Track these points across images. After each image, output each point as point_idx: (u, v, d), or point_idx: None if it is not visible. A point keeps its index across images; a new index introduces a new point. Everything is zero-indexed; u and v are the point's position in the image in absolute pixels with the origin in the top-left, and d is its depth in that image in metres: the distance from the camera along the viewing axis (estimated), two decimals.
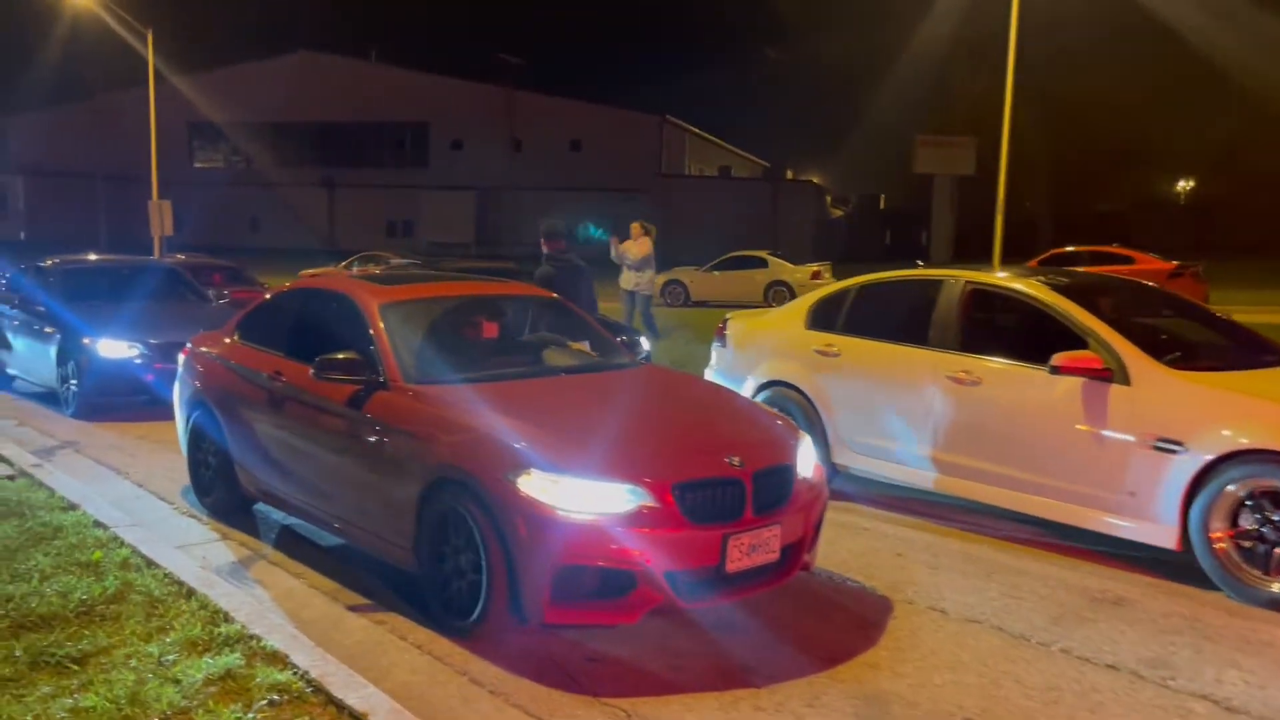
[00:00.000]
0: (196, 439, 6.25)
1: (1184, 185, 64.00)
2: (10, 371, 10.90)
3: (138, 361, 9.19)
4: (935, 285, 6.16)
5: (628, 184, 58.08)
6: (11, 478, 6.51)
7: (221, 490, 6.00)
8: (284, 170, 56.74)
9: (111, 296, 10.24)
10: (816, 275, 23.86)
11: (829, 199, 68.90)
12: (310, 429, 5.20)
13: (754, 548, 4.19)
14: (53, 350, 9.64)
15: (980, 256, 44.44)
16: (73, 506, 5.76)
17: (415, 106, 59.39)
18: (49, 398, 10.02)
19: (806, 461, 4.62)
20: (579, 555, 3.94)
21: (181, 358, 6.62)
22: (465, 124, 59.81)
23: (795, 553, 4.45)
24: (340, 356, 4.83)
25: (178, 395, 6.54)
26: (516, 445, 4.15)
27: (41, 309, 10.12)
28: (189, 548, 5.38)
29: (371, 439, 4.76)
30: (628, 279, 13.99)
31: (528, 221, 56.51)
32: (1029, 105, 49.07)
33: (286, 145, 57.49)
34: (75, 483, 6.49)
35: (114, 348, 9.22)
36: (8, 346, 10.76)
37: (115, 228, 51.53)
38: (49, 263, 11.12)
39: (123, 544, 5.09)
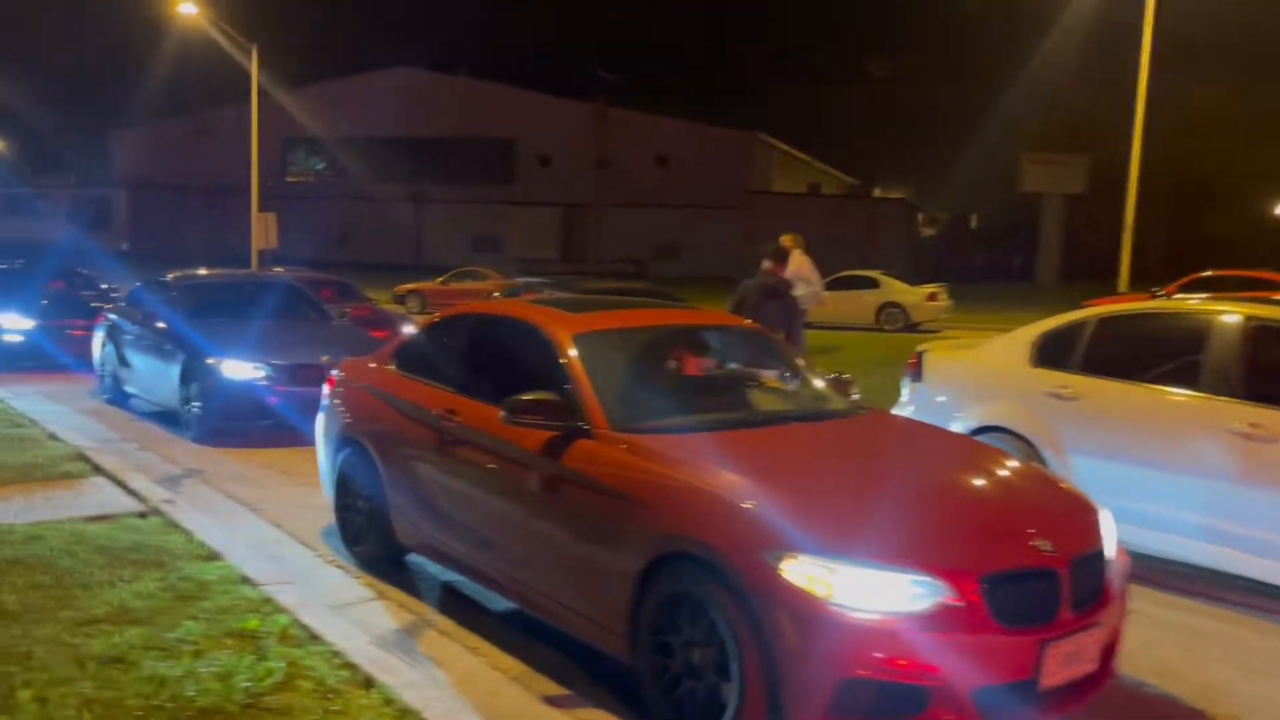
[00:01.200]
0: (346, 481, 5.59)
1: None
2: (128, 389, 10.44)
3: (262, 384, 8.65)
4: (1203, 320, 5.23)
5: (715, 201, 57.41)
6: (143, 515, 5.93)
7: (374, 540, 5.33)
8: (374, 185, 57.23)
9: (234, 314, 9.74)
10: (933, 297, 22.76)
11: (920, 218, 67.20)
12: (492, 479, 4.49)
13: (1072, 656, 3.34)
14: (175, 370, 9.13)
15: (1090, 278, 42.70)
16: (214, 556, 5.13)
17: (504, 122, 59.56)
18: (167, 418, 9.56)
19: (1111, 541, 3.75)
20: (864, 666, 3.12)
21: (326, 388, 5.99)
22: (553, 140, 59.76)
23: (1109, 659, 3.58)
24: (534, 398, 4.12)
25: (322, 429, 5.91)
26: (775, 518, 3.34)
27: (163, 326, 9.67)
28: (346, 609, 4.69)
29: (573, 496, 4.03)
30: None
31: (613, 238, 56.49)
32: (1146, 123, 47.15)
33: (376, 160, 58.01)
34: (210, 523, 5.88)
35: (239, 369, 8.70)
36: (126, 364, 10.30)
37: (212, 240, 52.50)
38: (170, 277, 10.72)
39: (277, 607, 4.42)
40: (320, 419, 5.96)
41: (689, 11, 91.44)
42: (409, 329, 13.15)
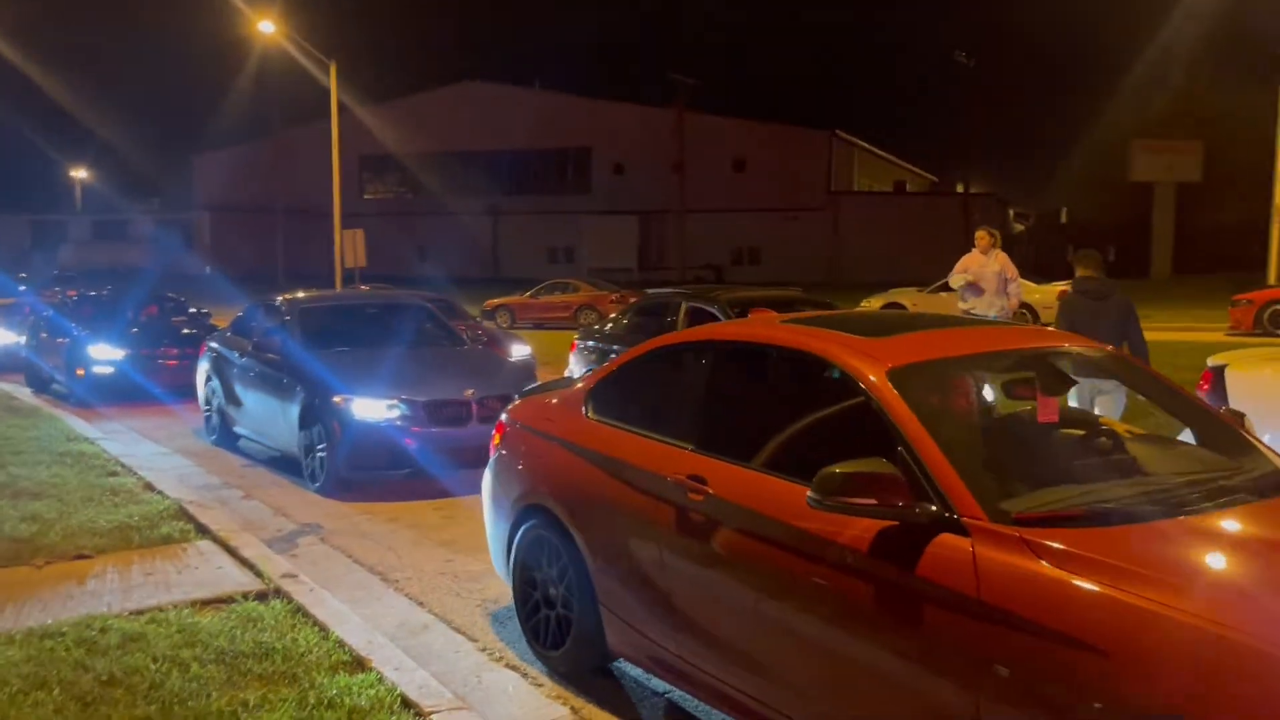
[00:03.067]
0: (530, 562, 4.34)
1: None
2: (238, 430, 9.28)
3: (398, 425, 7.37)
4: None
5: (795, 203, 55.89)
6: (263, 597, 4.80)
7: (575, 644, 4.05)
8: (449, 199, 56.91)
9: (358, 341, 8.63)
10: (1063, 294, 20.99)
11: (1011, 213, 64.71)
12: (775, 579, 3.14)
13: None
14: (293, 409, 7.89)
15: (1203, 270, 40.23)
16: (359, 663, 3.96)
17: (578, 132, 58.89)
18: (284, 463, 8.47)
19: None
20: None
21: (496, 437, 4.81)
22: (627, 147, 58.86)
23: None
24: (863, 470, 2.76)
25: (492, 489, 4.72)
26: None
27: (277, 357, 8.43)
28: None
29: (942, 627, 2.62)
30: (991, 304, 9.99)
31: (690, 245, 55.22)
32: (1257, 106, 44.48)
33: (452, 174, 57.65)
34: (343, 607, 4.73)
35: (371, 408, 7.40)
36: (235, 401, 9.12)
37: (293, 260, 52.57)
38: (282, 301, 9.45)
39: None
40: (489, 478, 4.75)
41: (762, 9, 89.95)
42: (520, 348, 12.01)
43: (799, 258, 55.37)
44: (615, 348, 9.59)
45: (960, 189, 67.09)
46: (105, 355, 12.08)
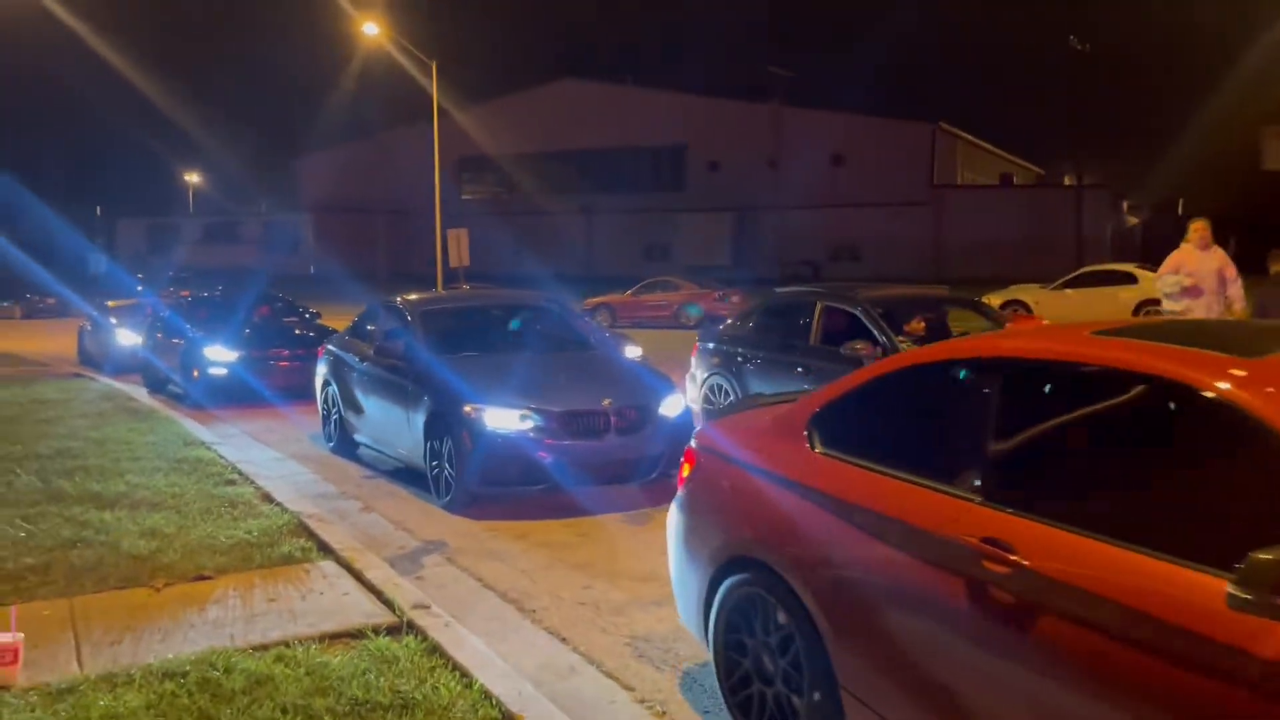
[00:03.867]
0: (738, 623, 3.53)
1: None
2: (358, 438, 8.84)
3: (531, 437, 6.83)
4: None
5: (896, 198, 54.44)
6: (395, 631, 4.37)
7: None
8: (545, 198, 57.02)
9: (485, 345, 8.20)
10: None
11: (1126, 205, 62.03)
12: (1164, 707, 2.24)
13: None
14: (419, 419, 7.41)
15: None
16: None
17: (672, 128, 58.34)
18: (400, 473, 8.11)
19: None
20: None
21: (685, 468, 4.04)
22: (722, 144, 58.12)
23: None
24: None
25: (682, 533, 3.92)
26: None
27: (399, 362, 7.89)
28: None
29: None
30: (1209, 306, 8.84)
31: (786, 241, 54.30)
32: None
33: (547, 174, 57.77)
34: (483, 646, 4.26)
35: (503, 418, 6.87)
36: (355, 408, 8.69)
37: (393, 259, 53.32)
38: (402, 301, 8.92)
39: None
40: (678, 518, 3.98)
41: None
42: (632, 349, 11.50)
43: (900, 253, 53.90)
44: (742, 350, 9.01)
45: (1068, 181, 64.75)
46: (219, 357, 11.99)
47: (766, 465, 3.60)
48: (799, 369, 8.29)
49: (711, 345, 9.55)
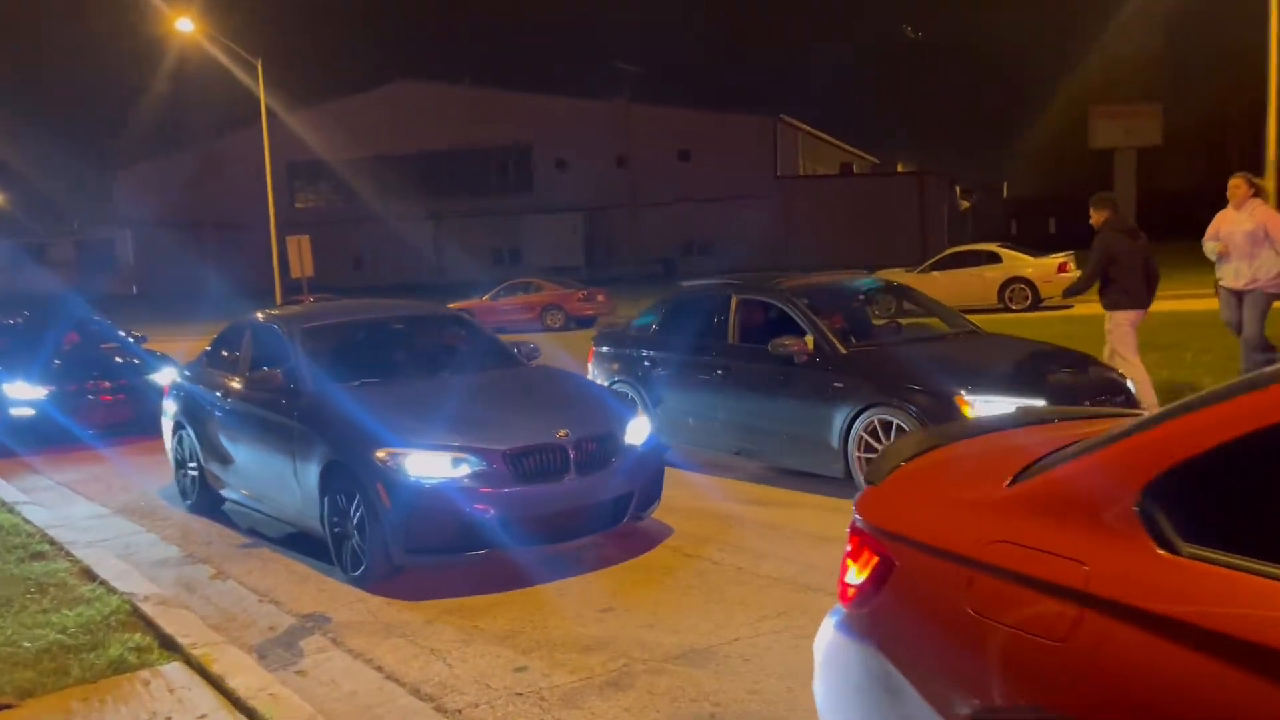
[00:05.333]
0: None
1: None
2: (227, 494, 6.97)
3: (468, 485, 5.15)
4: None
5: (742, 190, 54.75)
6: None
7: None
8: (386, 205, 54.81)
9: (389, 370, 6.60)
10: (1063, 268, 19.91)
11: (958, 190, 64.40)
12: None
13: None
14: (312, 469, 5.63)
15: (1162, 238, 39.71)
16: None
17: (516, 129, 57.16)
18: (301, 541, 6.26)
19: None
20: None
21: (858, 568, 2.51)
22: (568, 142, 57.27)
23: None
24: None
25: (873, 682, 2.40)
26: None
27: (280, 397, 6.11)
28: None
29: None
30: (1238, 272, 8.11)
31: (641, 237, 53.98)
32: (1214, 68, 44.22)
33: (388, 179, 55.47)
34: None
35: (432, 464, 5.19)
36: (222, 457, 6.80)
37: (226, 275, 49.94)
38: (274, 317, 7.15)
39: None
40: (863, 662, 2.44)
41: None
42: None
43: (750, 246, 54.23)
44: (649, 354, 8.00)
45: (901, 168, 66.72)
46: (23, 394, 10.14)
47: (1078, 583, 1.97)
48: (718, 371, 7.35)
49: (610, 349, 8.51)
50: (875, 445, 6.27)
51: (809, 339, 6.83)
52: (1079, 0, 61.92)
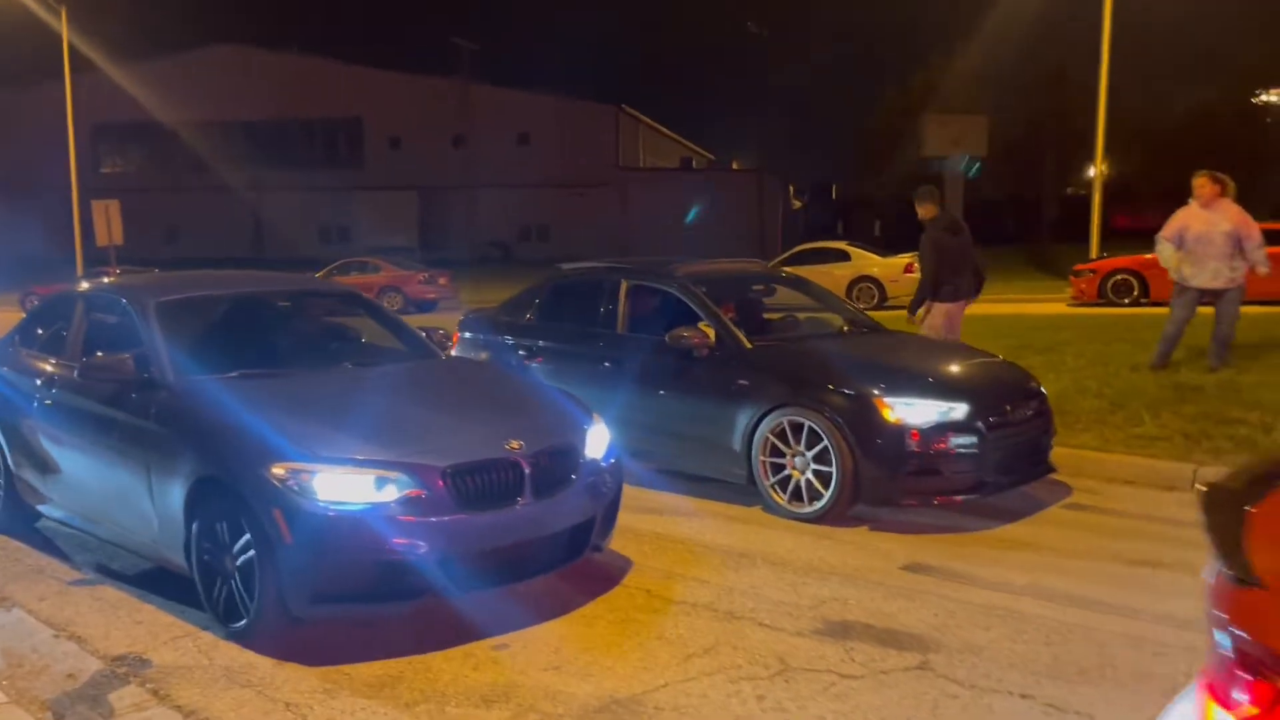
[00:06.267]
0: None
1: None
2: (47, 510, 5.53)
3: (397, 512, 3.94)
4: None
5: (583, 179, 54.27)
6: None
7: None
8: (204, 174, 51.39)
9: (275, 358, 5.24)
10: (909, 269, 20.21)
11: (792, 189, 66.01)
12: None
13: None
14: (175, 487, 4.31)
15: (986, 243, 41.55)
16: None
17: (347, 101, 54.76)
18: (152, 576, 5.01)
19: None
20: None
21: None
22: (402, 119, 55.36)
23: None
24: None
25: None
26: None
27: (135, 391, 4.71)
28: None
29: None
30: (1217, 272, 8.06)
31: (478, 220, 52.72)
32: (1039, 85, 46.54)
33: (205, 147, 51.90)
34: None
35: (349, 484, 3.94)
36: (40, 463, 5.38)
37: (13, 244, 45.44)
38: (118, 287, 5.95)
39: None
40: None
41: None
42: None
43: (588, 235, 53.82)
44: (525, 343, 7.20)
45: (736, 166, 67.79)
46: None
47: None
48: (605, 364, 6.64)
49: (476, 337, 7.66)
50: (782, 449, 5.73)
51: (709, 331, 6.22)
52: (909, 12, 64.45)
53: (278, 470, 3.94)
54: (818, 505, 5.59)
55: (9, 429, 5.65)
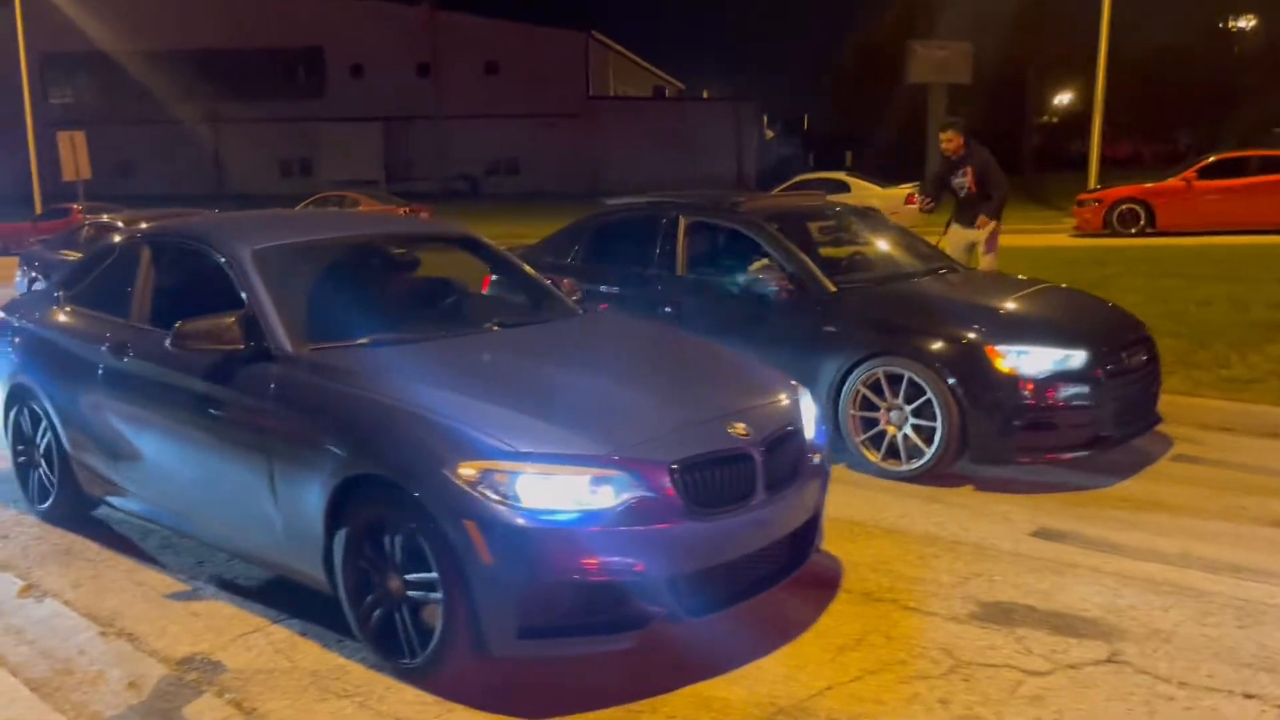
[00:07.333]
0: None
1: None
2: (119, 503, 4.56)
3: (618, 520, 3.09)
4: None
5: (552, 109, 52.93)
6: None
7: None
8: (158, 107, 49.43)
9: (403, 322, 4.20)
10: (910, 199, 19.73)
11: (765, 119, 64.96)
12: None
13: None
14: (310, 486, 3.42)
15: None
16: None
17: (306, 29, 52.90)
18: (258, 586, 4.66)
19: None
20: None
21: None
22: (364, 47, 53.60)
23: None
24: None
25: None
26: None
27: (240, 363, 3.81)
28: None
29: None
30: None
31: (445, 153, 51.31)
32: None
33: (160, 77, 49.88)
34: None
35: (559, 487, 3.08)
36: (113, 448, 4.42)
37: None
38: (207, 232, 4.53)
39: None
40: None
41: None
42: None
43: (558, 167, 52.79)
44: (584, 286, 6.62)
45: (705, 95, 66.57)
46: None
47: None
48: (665, 308, 6.10)
49: None
50: (875, 402, 5.25)
51: (784, 273, 5.69)
52: None
53: (467, 470, 3.06)
54: (917, 464, 5.14)
55: (64, 404, 4.70)
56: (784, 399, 3.79)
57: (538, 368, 3.78)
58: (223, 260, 4.07)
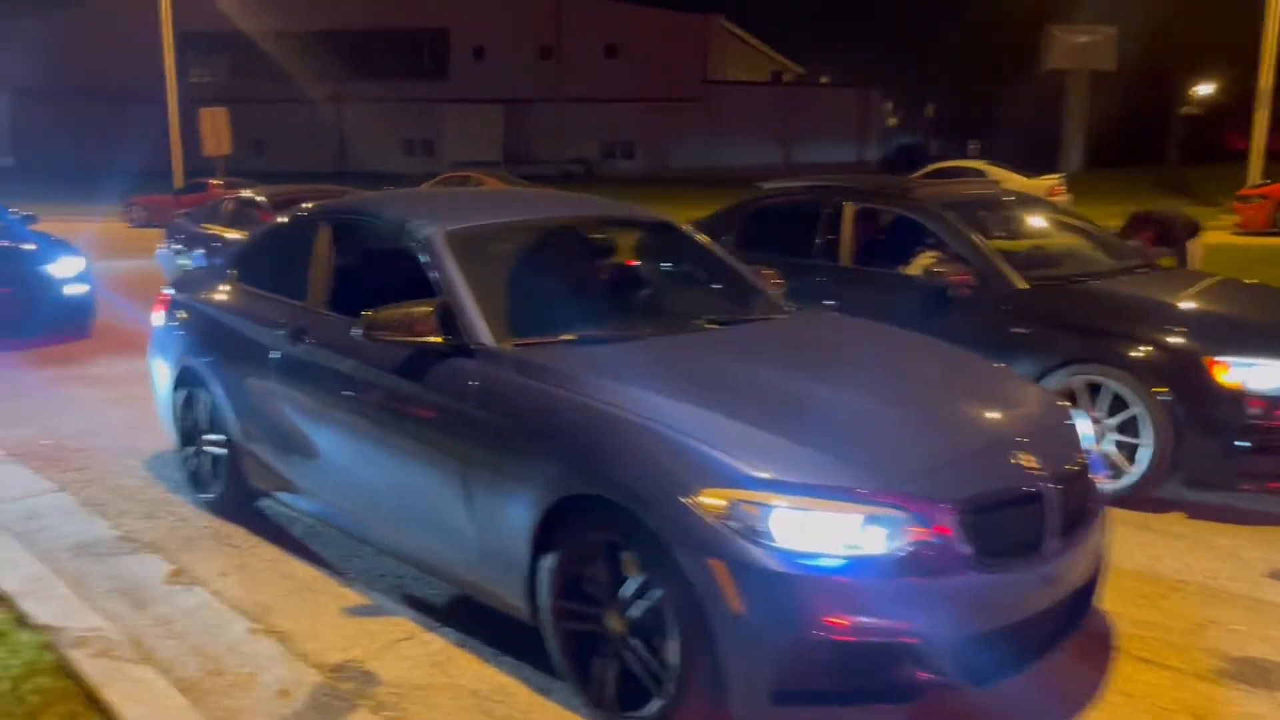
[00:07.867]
0: None
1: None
2: (292, 500, 4.24)
3: (889, 567, 2.56)
4: None
5: (670, 92, 52.44)
6: None
7: None
8: (288, 85, 50.72)
9: (605, 317, 3.83)
10: (1054, 191, 18.77)
11: (890, 106, 63.34)
12: None
13: None
14: (514, 503, 3.02)
15: (1112, 164, 39.05)
16: None
17: (431, 10, 53.47)
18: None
19: None
20: None
21: None
22: (488, 29, 54.04)
23: None
24: None
25: None
26: None
27: (433, 360, 3.38)
28: None
29: None
30: None
31: (560, 136, 51.29)
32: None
33: (289, 56, 51.18)
34: None
35: (824, 525, 2.54)
36: (286, 441, 4.10)
37: (110, 149, 45.71)
38: (401, 207, 4.25)
39: None
40: None
41: None
42: None
43: (674, 150, 52.45)
44: None
45: (824, 80, 65.09)
46: None
47: None
48: (828, 302, 5.66)
49: None
50: None
51: (966, 266, 5.20)
52: None
53: (711, 500, 2.57)
54: (1119, 484, 4.60)
55: (234, 391, 4.36)
56: (1067, 422, 3.25)
57: (776, 377, 3.20)
58: (412, 242, 3.68)
